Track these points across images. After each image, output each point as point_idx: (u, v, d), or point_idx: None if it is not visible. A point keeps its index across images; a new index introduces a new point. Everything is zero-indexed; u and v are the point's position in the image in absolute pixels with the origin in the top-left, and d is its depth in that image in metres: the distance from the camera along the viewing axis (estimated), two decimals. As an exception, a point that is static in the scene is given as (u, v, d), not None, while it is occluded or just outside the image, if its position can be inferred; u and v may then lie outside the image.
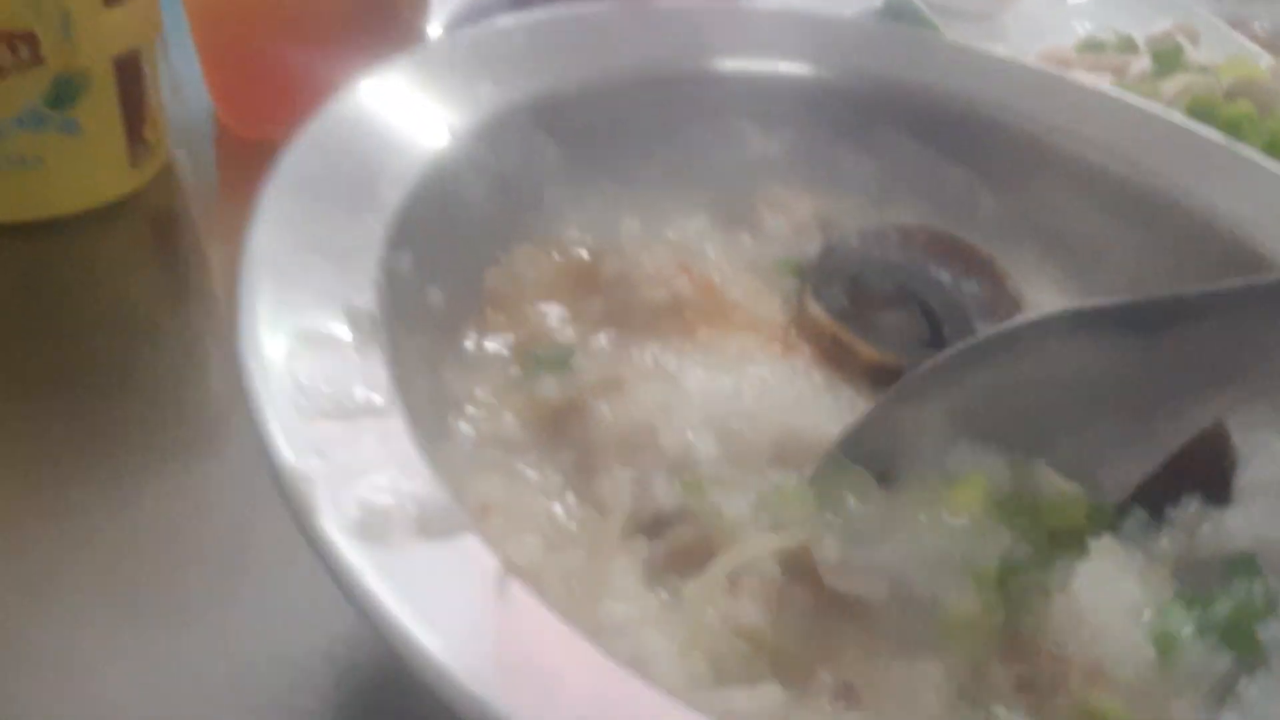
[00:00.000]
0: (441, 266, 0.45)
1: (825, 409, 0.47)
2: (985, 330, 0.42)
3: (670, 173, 0.57)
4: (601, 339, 0.49)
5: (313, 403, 0.29)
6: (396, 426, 0.31)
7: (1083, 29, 1.06)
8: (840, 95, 0.60)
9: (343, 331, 0.33)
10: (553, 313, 0.49)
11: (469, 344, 0.46)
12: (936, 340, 0.52)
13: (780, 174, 0.59)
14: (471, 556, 0.27)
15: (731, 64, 0.58)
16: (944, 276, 0.55)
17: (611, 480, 0.40)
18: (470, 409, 0.43)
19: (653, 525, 0.40)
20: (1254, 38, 1.04)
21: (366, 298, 0.35)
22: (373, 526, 0.26)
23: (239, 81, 0.74)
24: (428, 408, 0.40)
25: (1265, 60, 0.86)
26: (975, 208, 0.62)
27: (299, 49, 0.65)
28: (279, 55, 0.67)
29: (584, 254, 0.51)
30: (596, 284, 0.50)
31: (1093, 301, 0.39)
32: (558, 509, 0.40)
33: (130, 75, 0.63)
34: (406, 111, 0.45)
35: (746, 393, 0.46)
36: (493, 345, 0.47)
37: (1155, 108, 0.61)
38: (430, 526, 0.27)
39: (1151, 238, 0.57)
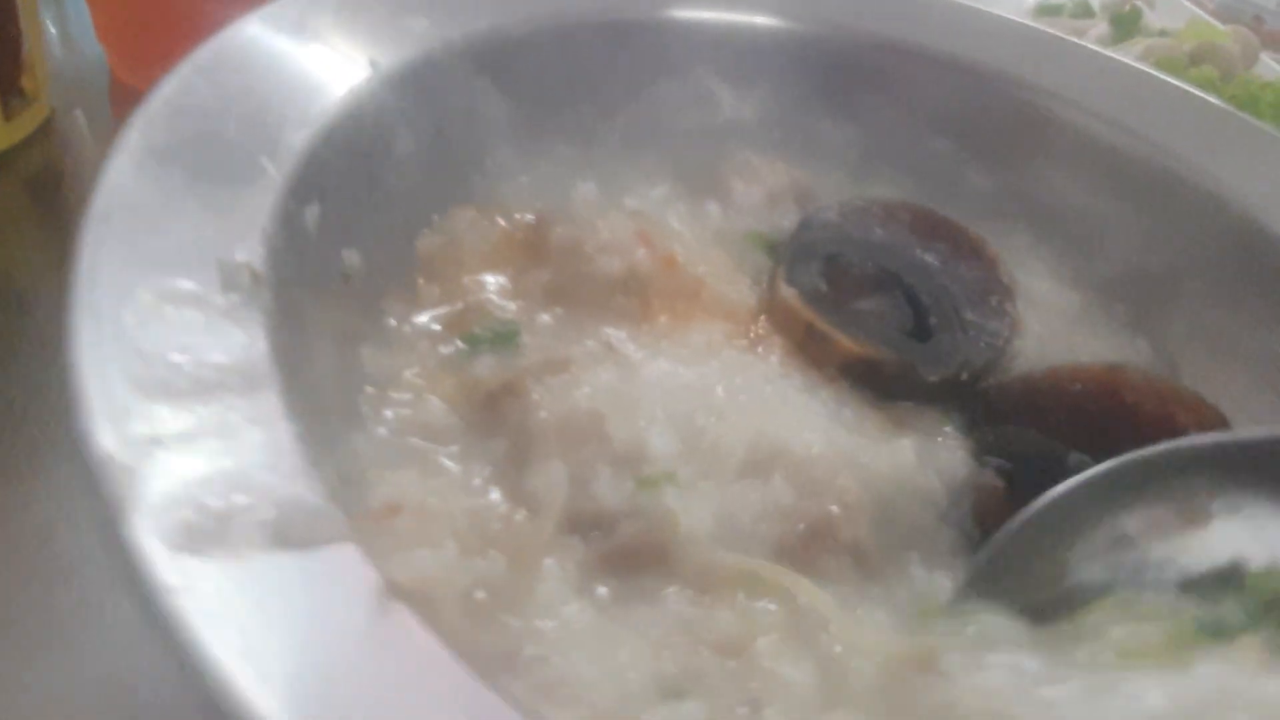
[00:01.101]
0: (361, 226, 0.39)
1: (803, 414, 0.41)
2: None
3: (632, 134, 0.52)
4: (547, 317, 0.43)
5: (157, 376, 0.23)
6: (270, 406, 0.25)
7: None
8: (819, 53, 0.55)
9: (213, 291, 0.27)
10: (494, 285, 0.44)
11: (395, 318, 0.40)
12: (921, 330, 0.47)
13: (754, 139, 0.54)
14: (341, 574, 0.21)
15: (702, 14, 0.53)
16: (930, 258, 0.50)
17: (546, 473, 0.34)
18: (392, 392, 0.37)
19: (592, 525, 0.34)
20: (1203, 7, 1.01)
21: (251, 252, 0.29)
22: (204, 533, 0.20)
23: (127, 22, 0.66)
24: (335, 389, 0.35)
25: (1219, 26, 0.83)
26: (965, 182, 0.57)
27: None
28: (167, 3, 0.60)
29: (531, 220, 0.46)
30: (544, 254, 0.45)
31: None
32: (484, 505, 0.34)
33: (2, 18, 0.58)
34: (321, 45, 0.38)
35: (713, 388, 0.40)
36: (423, 320, 0.41)
37: (1157, 73, 0.56)
38: (289, 534, 0.21)
39: (1155, 215, 0.52)
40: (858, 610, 0.35)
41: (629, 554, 0.34)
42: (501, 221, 0.46)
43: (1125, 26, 0.76)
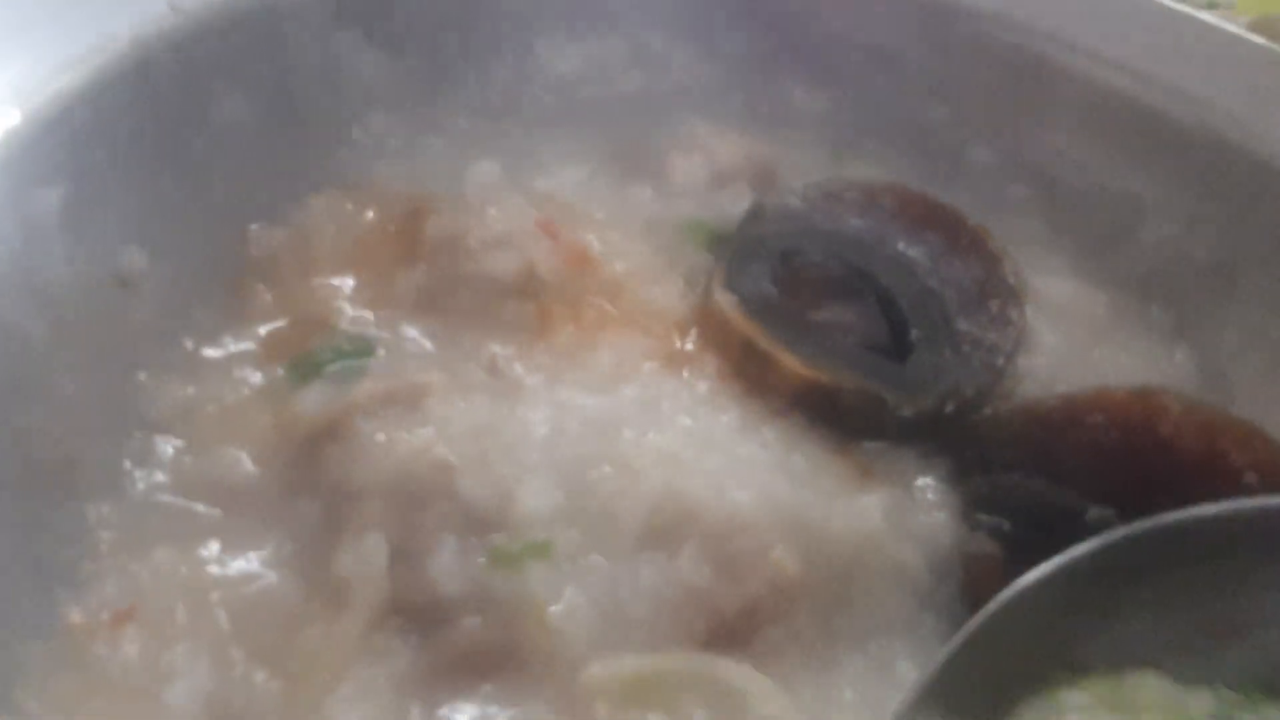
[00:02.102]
0: (151, 217, 0.30)
1: (734, 461, 0.32)
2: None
3: (550, 100, 0.43)
4: (414, 331, 0.34)
5: None
6: None
7: None
8: (793, 10, 0.45)
9: None
10: (350, 291, 0.35)
11: (194, 338, 0.31)
12: (899, 346, 0.37)
13: (706, 107, 0.45)
14: None
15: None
16: (916, 255, 0.41)
17: (362, 549, 0.25)
18: (177, 439, 0.28)
19: (424, 620, 0.25)
20: None
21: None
22: None
23: None
24: (78, 434, 0.26)
25: None
26: (964, 157, 0.47)
27: None
28: None
29: (405, 205, 0.37)
30: (418, 250, 0.36)
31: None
32: (270, 598, 0.25)
33: None
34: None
35: (618, 427, 0.31)
36: (244, 338, 0.32)
37: (1193, 13, 0.46)
38: None
39: (1200, 191, 0.42)
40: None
41: (467, 658, 0.25)
42: (370, 211, 0.37)
43: None
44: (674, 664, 0.27)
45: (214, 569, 0.25)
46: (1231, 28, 0.47)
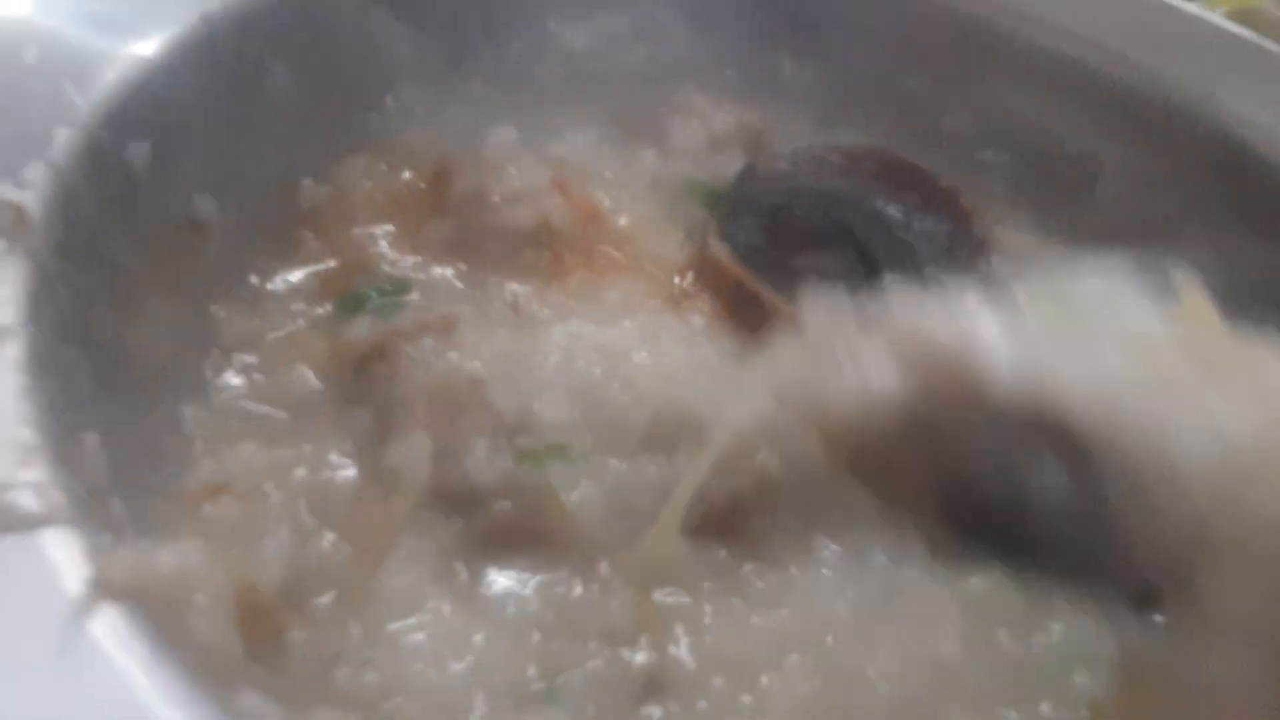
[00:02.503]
0: (219, 170, 0.35)
1: (724, 382, 0.36)
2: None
3: (562, 71, 0.47)
4: (446, 272, 0.39)
5: None
6: (6, 364, 0.21)
7: None
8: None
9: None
10: (387, 238, 0.39)
11: (261, 276, 0.36)
12: (872, 285, 0.41)
13: (704, 78, 0.49)
14: (33, 568, 0.17)
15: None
16: (893, 211, 0.45)
17: (408, 445, 0.30)
18: (245, 356, 0.33)
19: (461, 504, 0.30)
20: None
21: (26, 188, 0.25)
22: None
23: None
24: (166, 354, 0.30)
25: None
26: (941, 126, 0.51)
27: None
28: None
29: (433, 165, 0.41)
30: (445, 203, 0.40)
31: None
32: (334, 483, 0.30)
33: None
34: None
35: (623, 352, 0.36)
36: (298, 277, 0.37)
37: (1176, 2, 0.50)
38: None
39: (1153, 152, 0.46)
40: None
41: (500, 534, 0.30)
42: (403, 170, 0.41)
43: None
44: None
45: (289, 459, 0.29)
46: (1188, 6, 0.51)
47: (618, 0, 0.48)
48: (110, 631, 0.17)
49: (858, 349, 0.31)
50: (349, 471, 0.30)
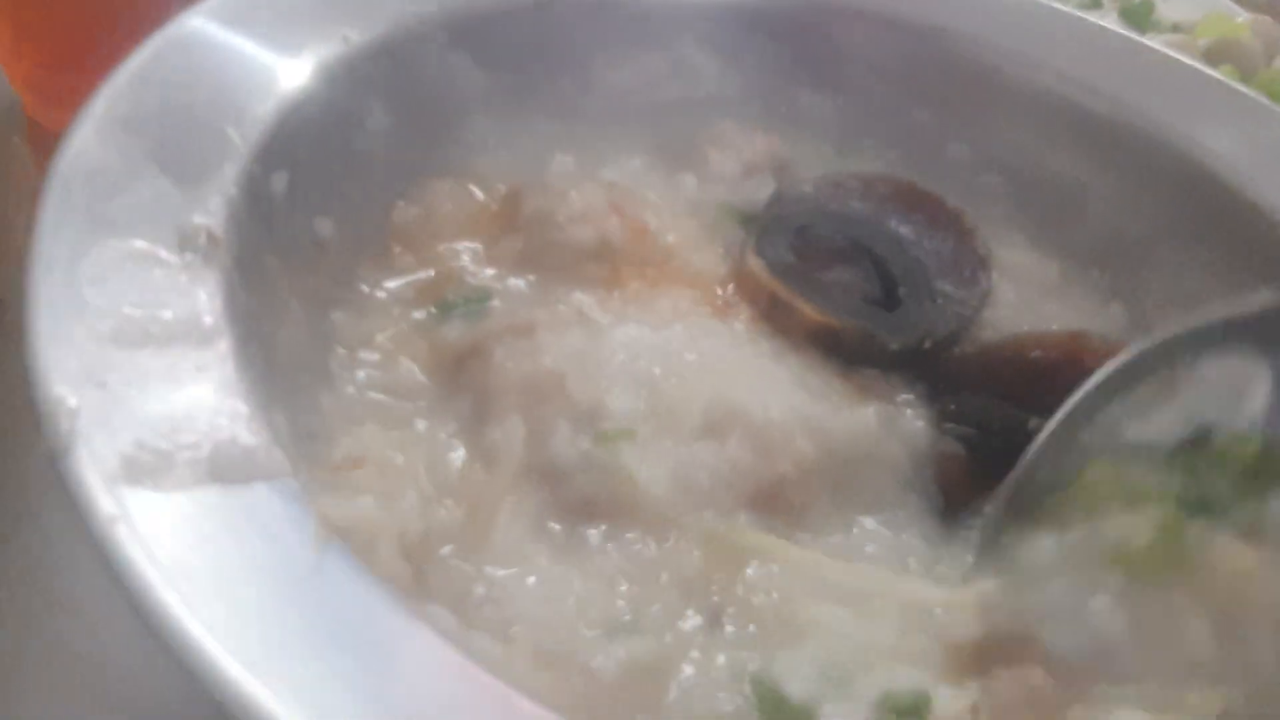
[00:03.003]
0: (335, 195, 0.40)
1: (765, 379, 0.42)
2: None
3: (611, 106, 0.53)
4: (519, 283, 0.44)
5: (108, 327, 0.25)
6: (219, 357, 0.26)
7: None
8: (799, 25, 0.55)
9: (170, 251, 0.28)
10: (468, 253, 0.45)
11: (369, 285, 0.42)
12: (890, 300, 0.47)
13: (734, 111, 0.55)
14: (274, 509, 0.23)
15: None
16: (905, 230, 0.51)
17: (504, 428, 0.36)
18: (362, 354, 0.39)
19: (550, 478, 0.35)
20: None
21: (210, 216, 0.31)
22: (144, 466, 0.21)
23: (39, 63, 0.58)
24: (303, 351, 0.36)
25: (1240, 16, 0.80)
26: (946, 154, 0.57)
27: (114, 18, 0.51)
28: (85, 22, 0.53)
29: (506, 191, 0.47)
30: (518, 223, 0.46)
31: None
32: (446, 459, 0.35)
33: None
34: (294, 20, 0.40)
35: (677, 352, 0.41)
36: (396, 286, 0.43)
37: (1139, 38, 0.56)
38: (226, 471, 0.23)
39: (1133, 181, 0.52)
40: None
41: (585, 504, 0.35)
42: (477, 193, 0.47)
43: (1136, 20, 0.74)
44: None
45: (408, 438, 0.35)
46: (1163, 48, 0.57)
47: (658, 44, 0.54)
48: (335, 560, 0.23)
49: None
50: (456, 449, 0.36)
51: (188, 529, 0.21)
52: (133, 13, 0.49)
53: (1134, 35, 0.56)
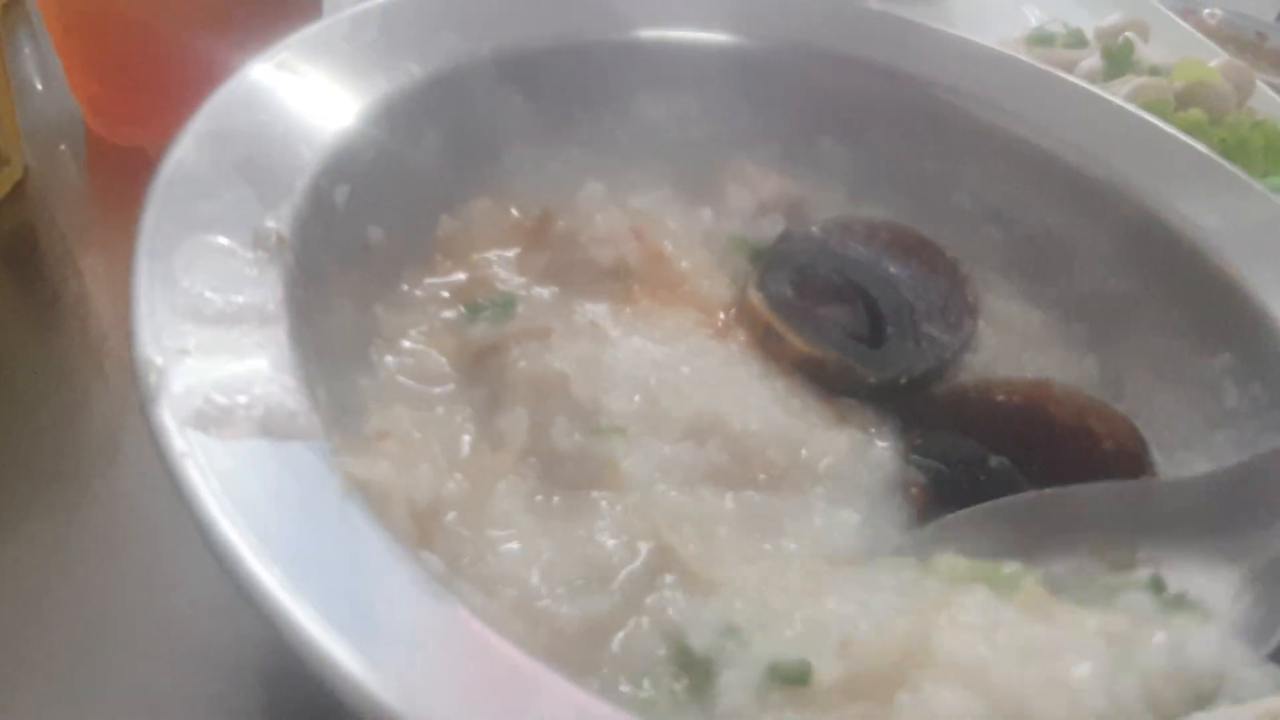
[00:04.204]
0: (387, 207, 0.46)
1: (751, 396, 0.47)
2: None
3: (641, 141, 0.58)
4: (543, 292, 0.50)
5: (192, 306, 0.31)
6: (274, 337, 0.32)
7: (1033, 16, 1.05)
8: (820, 78, 0.60)
9: (245, 248, 0.34)
10: (500, 263, 0.51)
11: (410, 285, 0.48)
12: (876, 338, 0.52)
13: (754, 152, 0.60)
14: (309, 460, 0.29)
15: (713, 36, 0.59)
16: (900, 274, 0.55)
17: (512, 417, 0.41)
18: (398, 344, 0.45)
19: (544, 461, 0.41)
20: (1203, 27, 1.02)
21: (280, 221, 0.37)
22: (210, 417, 0.27)
23: (103, 79, 0.62)
24: (348, 338, 0.42)
25: (1216, 58, 0.84)
26: (951, 204, 0.61)
27: (176, 41, 0.56)
28: (152, 52, 0.57)
29: (539, 211, 0.53)
30: (547, 240, 0.52)
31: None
32: (459, 439, 0.41)
33: None
34: (368, 54, 0.46)
35: (675, 365, 0.47)
36: (435, 288, 0.49)
37: (1139, 112, 0.60)
38: (273, 428, 0.29)
39: (1121, 244, 0.56)
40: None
41: (573, 482, 0.41)
42: (513, 211, 0.53)
43: (1117, 62, 0.78)
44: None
45: (428, 419, 0.41)
46: (1168, 127, 0.61)
47: (688, 85, 0.59)
48: (354, 507, 0.29)
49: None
50: (469, 431, 0.42)
51: (240, 469, 0.27)
52: (191, 45, 0.55)
53: (1140, 113, 0.60)
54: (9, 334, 0.54)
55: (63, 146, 0.66)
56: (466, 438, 0.41)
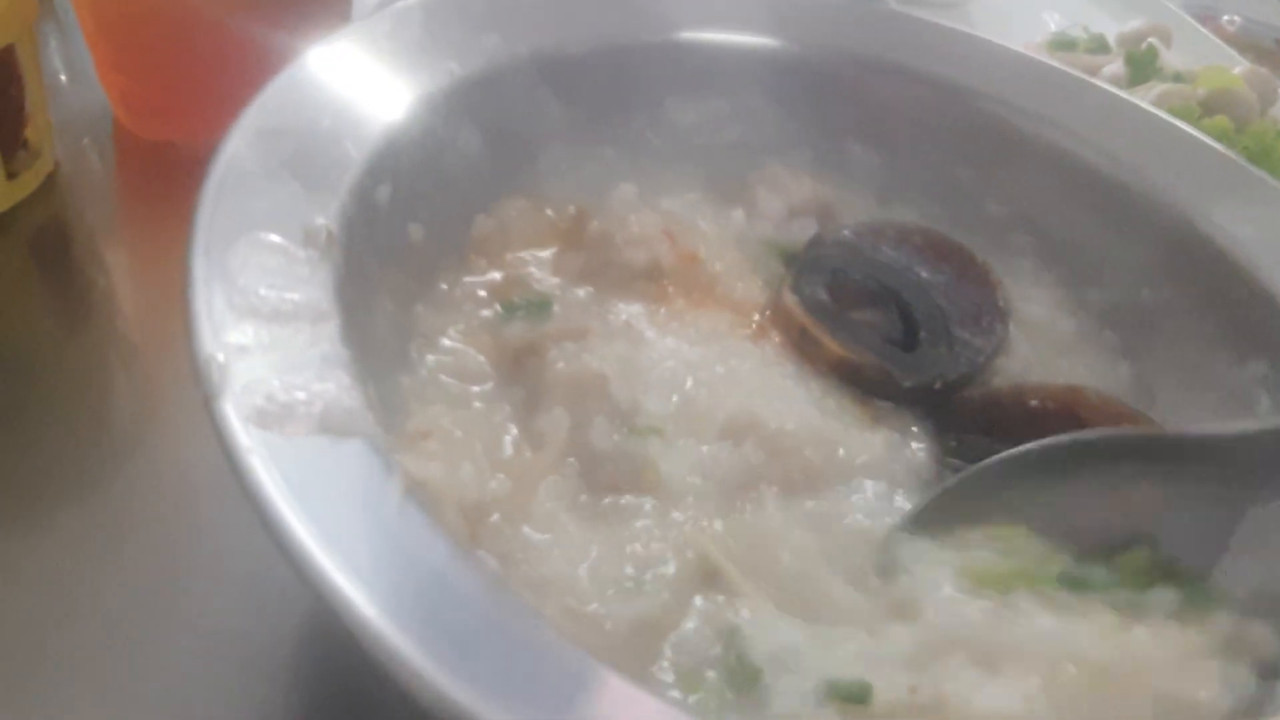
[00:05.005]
0: (426, 205, 0.47)
1: (786, 397, 0.47)
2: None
3: (674, 143, 0.58)
4: (579, 293, 0.50)
5: (248, 303, 0.31)
6: (328, 334, 0.33)
7: (1053, 21, 1.05)
8: (853, 82, 0.60)
9: (296, 245, 0.35)
10: (535, 263, 0.51)
11: (448, 284, 0.48)
12: (909, 342, 0.52)
13: (786, 155, 0.60)
14: (365, 457, 0.29)
15: (750, 39, 0.59)
16: (932, 279, 0.55)
17: (551, 417, 0.41)
18: (438, 342, 0.45)
19: (585, 461, 0.41)
20: (1222, 33, 1.02)
21: (329, 219, 0.37)
22: (271, 414, 0.28)
23: (133, 73, 0.62)
24: (390, 337, 0.42)
25: (1239, 66, 0.84)
26: (983, 211, 0.61)
27: (206, 37, 0.56)
28: (184, 48, 0.57)
29: (573, 212, 0.53)
30: (582, 241, 0.52)
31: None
32: (499, 439, 0.41)
33: (3, 76, 0.54)
34: (409, 54, 0.46)
35: (711, 366, 0.47)
36: (472, 287, 0.49)
37: (1169, 119, 0.60)
38: (331, 424, 0.29)
39: (1153, 252, 0.56)
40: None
41: (612, 483, 0.41)
42: (548, 211, 0.53)
43: (1141, 68, 0.78)
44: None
45: (468, 418, 0.41)
46: (1198, 134, 0.61)
47: (720, 89, 0.59)
48: (413, 505, 0.29)
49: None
50: (509, 431, 0.42)
51: (302, 464, 0.27)
52: (221, 42, 0.56)
53: (1172, 120, 0.60)
54: (39, 327, 0.55)
55: (90, 140, 0.67)
56: (508, 438, 0.41)
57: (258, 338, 0.30)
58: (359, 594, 0.24)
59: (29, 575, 0.44)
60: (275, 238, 0.34)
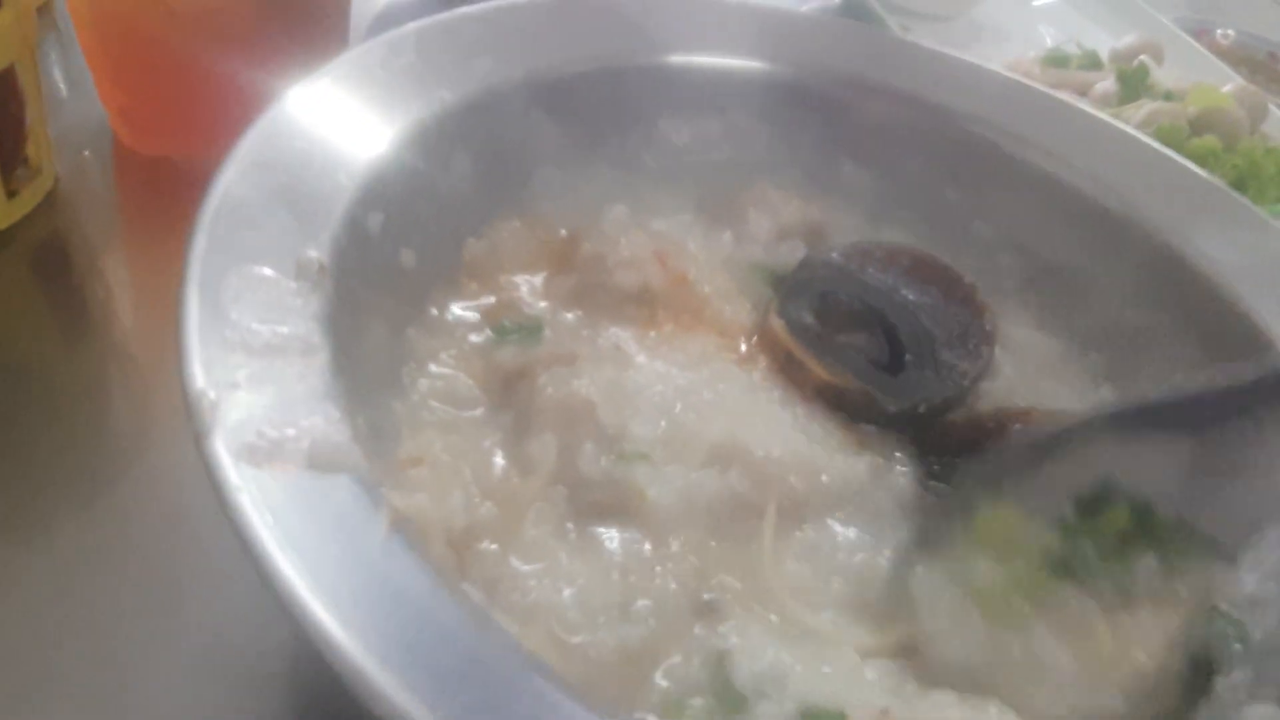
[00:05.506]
0: (418, 231, 0.47)
1: (772, 422, 0.48)
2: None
3: (666, 165, 0.59)
4: (569, 316, 0.51)
5: (240, 338, 0.32)
6: (318, 367, 0.33)
7: (1049, 35, 1.05)
8: (845, 105, 0.61)
9: (288, 277, 0.35)
10: (526, 286, 0.52)
11: (439, 309, 0.49)
12: (895, 365, 0.53)
13: (776, 177, 0.61)
14: (353, 493, 0.30)
15: (740, 62, 0.60)
16: (919, 301, 0.56)
17: (540, 443, 0.42)
18: (430, 367, 0.46)
19: (572, 487, 0.42)
20: (1216, 47, 1.03)
21: (321, 250, 0.38)
22: (261, 451, 0.28)
23: (132, 91, 0.63)
24: (382, 362, 0.43)
25: (1230, 82, 0.84)
26: (971, 232, 0.62)
27: (205, 58, 0.57)
28: (184, 68, 0.58)
29: (565, 234, 0.53)
30: (573, 263, 0.52)
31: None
32: (488, 465, 0.42)
33: (3, 94, 0.54)
34: (401, 81, 0.47)
35: (699, 390, 0.48)
36: (463, 311, 0.49)
37: (1155, 145, 0.61)
38: (320, 461, 0.29)
39: (1137, 277, 0.57)
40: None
41: (600, 509, 0.42)
42: (540, 234, 0.54)
43: (1132, 85, 0.79)
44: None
45: (458, 444, 0.42)
46: (1182, 160, 0.61)
47: (712, 109, 0.60)
48: (399, 540, 0.30)
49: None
50: (498, 457, 0.42)
51: (290, 502, 0.28)
52: (220, 62, 0.56)
53: (1156, 145, 0.61)
54: (38, 341, 0.55)
55: (89, 154, 0.67)
56: (496, 462, 0.42)
57: (249, 372, 0.31)
58: (342, 632, 0.24)
59: (25, 586, 0.44)
60: (267, 270, 0.35)
